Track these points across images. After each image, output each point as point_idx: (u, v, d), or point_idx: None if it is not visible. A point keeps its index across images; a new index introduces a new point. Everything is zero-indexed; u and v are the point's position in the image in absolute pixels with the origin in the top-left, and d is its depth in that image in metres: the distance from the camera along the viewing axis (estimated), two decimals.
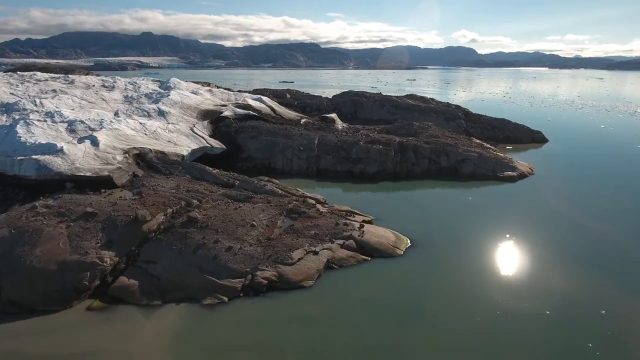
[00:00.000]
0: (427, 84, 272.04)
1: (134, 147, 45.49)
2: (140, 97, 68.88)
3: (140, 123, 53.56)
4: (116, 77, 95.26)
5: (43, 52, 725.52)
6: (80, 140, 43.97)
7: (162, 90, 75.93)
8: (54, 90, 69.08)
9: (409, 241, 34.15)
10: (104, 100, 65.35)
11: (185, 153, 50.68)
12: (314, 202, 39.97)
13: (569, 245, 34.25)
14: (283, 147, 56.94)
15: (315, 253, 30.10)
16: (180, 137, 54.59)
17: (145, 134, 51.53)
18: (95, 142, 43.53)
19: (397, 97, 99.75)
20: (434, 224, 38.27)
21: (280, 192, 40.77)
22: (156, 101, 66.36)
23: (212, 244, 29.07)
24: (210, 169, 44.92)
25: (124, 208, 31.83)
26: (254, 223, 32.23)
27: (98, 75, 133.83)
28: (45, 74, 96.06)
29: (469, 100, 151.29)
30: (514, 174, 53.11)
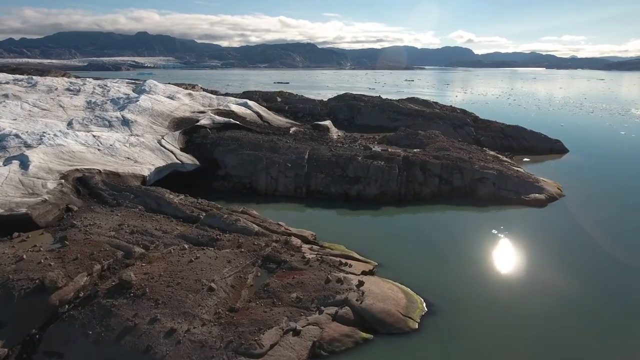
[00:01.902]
0: (425, 85, 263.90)
1: (77, 169, 36.56)
2: (106, 103, 59.97)
3: (94, 136, 44.61)
4: (87, 79, 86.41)
5: (37, 52, 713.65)
6: (7, 161, 35.05)
7: (134, 95, 67.03)
8: (5, 95, 60.09)
9: (424, 304, 25.47)
10: (61, 106, 56.38)
11: (146, 173, 41.82)
12: (299, 242, 31.24)
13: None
14: (267, 164, 48.16)
15: (297, 333, 21.34)
16: (144, 153, 45.71)
17: (99, 150, 42.62)
18: (24, 164, 34.60)
19: (398, 100, 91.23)
20: (456, 273, 29.59)
21: (256, 228, 31.96)
22: (122, 108, 57.46)
23: (146, 325, 20.23)
24: (172, 196, 36.06)
25: (31, 266, 22.97)
26: (212, 285, 23.41)
27: (77, 76, 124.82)
28: (9, 75, 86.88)
29: (472, 103, 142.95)
30: (542, 196, 44.49)
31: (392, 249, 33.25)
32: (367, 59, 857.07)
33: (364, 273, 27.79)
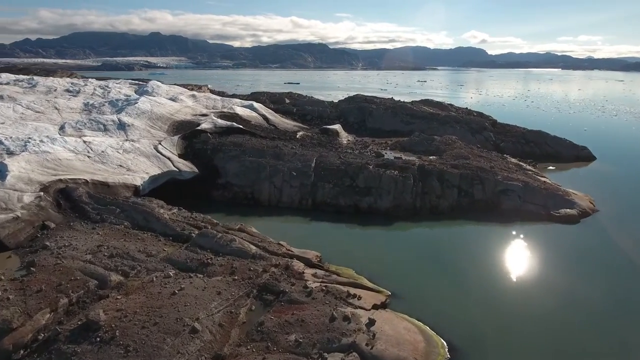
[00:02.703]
0: (439, 86, 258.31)
1: (61, 179, 33.40)
2: (103, 105, 57.05)
3: (85, 141, 41.56)
4: (90, 79, 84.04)
5: (52, 52, 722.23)
6: None
7: (135, 96, 64.13)
8: (1, 97, 57.56)
9: (446, 348, 21.61)
10: (56, 109, 53.58)
11: (139, 182, 38.59)
12: (301, 266, 27.60)
13: None
14: (271, 172, 44.63)
15: None
16: (138, 160, 42.52)
17: (88, 157, 39.52)
18: (2, 174, 31.57)
19: (411, 103, 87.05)
20: (481, 304, 25.66)
21: (253, 250, 28.39)
22: (120, 110, 54.47)
23: None
24: (162, 210, 32.68)
25: None
26: (196, 325, 19.87)
27: (83, 76, 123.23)
28: (11, 75, 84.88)
29: (488, 105, 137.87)
30: (573, 212, 40.17)
31: (407, 273, 29.45)
32: (378, 60, 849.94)
33: (375, 307, 24.03)
